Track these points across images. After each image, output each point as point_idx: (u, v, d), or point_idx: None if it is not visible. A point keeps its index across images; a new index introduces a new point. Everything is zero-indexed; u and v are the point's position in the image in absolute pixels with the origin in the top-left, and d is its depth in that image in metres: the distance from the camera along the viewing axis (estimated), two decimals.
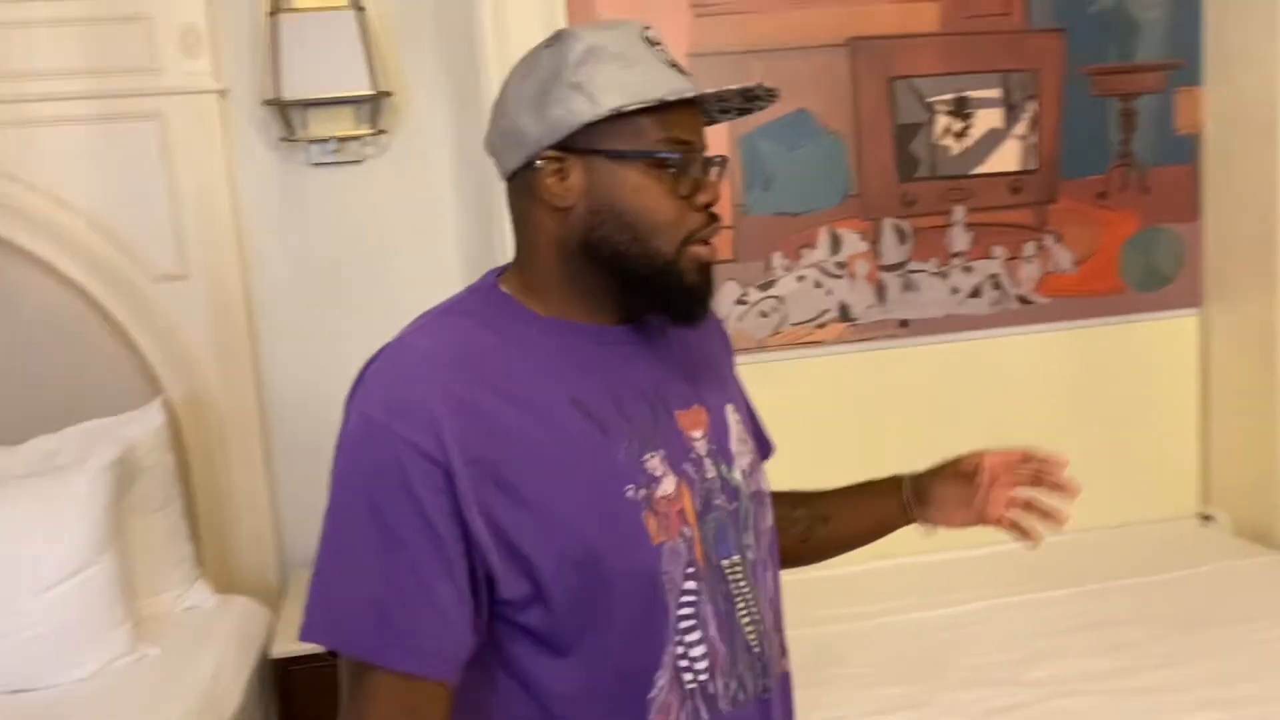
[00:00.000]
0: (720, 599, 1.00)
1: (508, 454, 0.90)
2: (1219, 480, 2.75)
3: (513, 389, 0.93)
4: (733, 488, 1.03)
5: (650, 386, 1.01)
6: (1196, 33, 2.63)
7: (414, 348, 0.95)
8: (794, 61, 2.47)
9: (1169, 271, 2.72)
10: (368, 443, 0.90)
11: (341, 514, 0.91)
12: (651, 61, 0.95)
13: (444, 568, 0.88)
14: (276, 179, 2.33)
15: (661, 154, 0.94)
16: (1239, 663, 1.96)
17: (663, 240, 0.95)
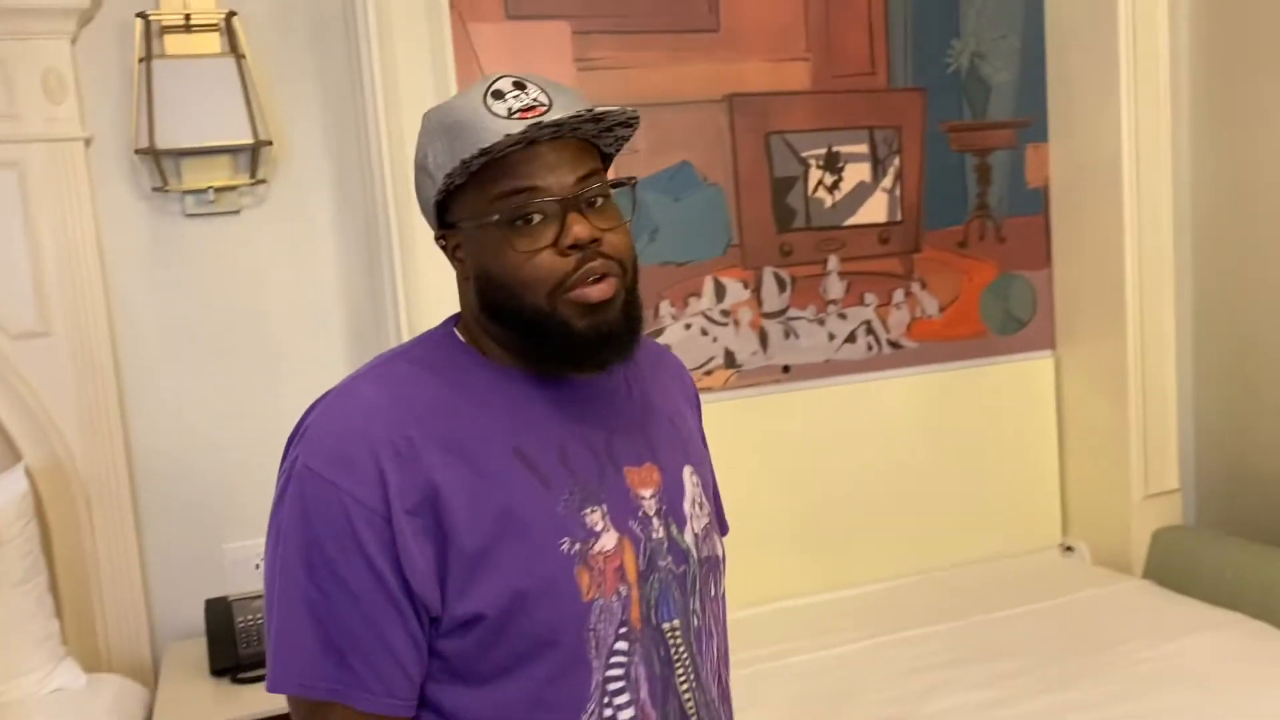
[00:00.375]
0: (657, 662, 0.98)
1: (448, 503, 0.90)
2: (1077, 512, 2.91)
3: (453, 437, 0.93)
4: (682, 550, 1.01)
5: (601, 441, 1.00)
6: (1042, 93, 2.82)
7: (356, 395, 0.95)
8: (675, 115, 2.53)
9: (1024, 316, 2.89)
10: (314, 497, 0.90)
11: (291, 567, 0.91)
12: (481, 121, 0.92)
13: (397, 615, 0.90)
14: (148, 231, 2.22)
15: (492, 216, 0.93)
16: (1117, 684, 2.07)
17: (533, 294, 0.93)
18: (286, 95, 2.28)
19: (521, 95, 0.94)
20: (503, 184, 0.92)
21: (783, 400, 2.65)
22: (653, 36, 2.50)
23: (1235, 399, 2.82)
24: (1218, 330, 2.85)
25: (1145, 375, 2.69)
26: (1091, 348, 2.80)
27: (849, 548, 2.73)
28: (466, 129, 0.93)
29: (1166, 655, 2.17)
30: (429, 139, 0.96)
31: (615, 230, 0.96)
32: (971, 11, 2.74)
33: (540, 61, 2.42)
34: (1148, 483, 2.72)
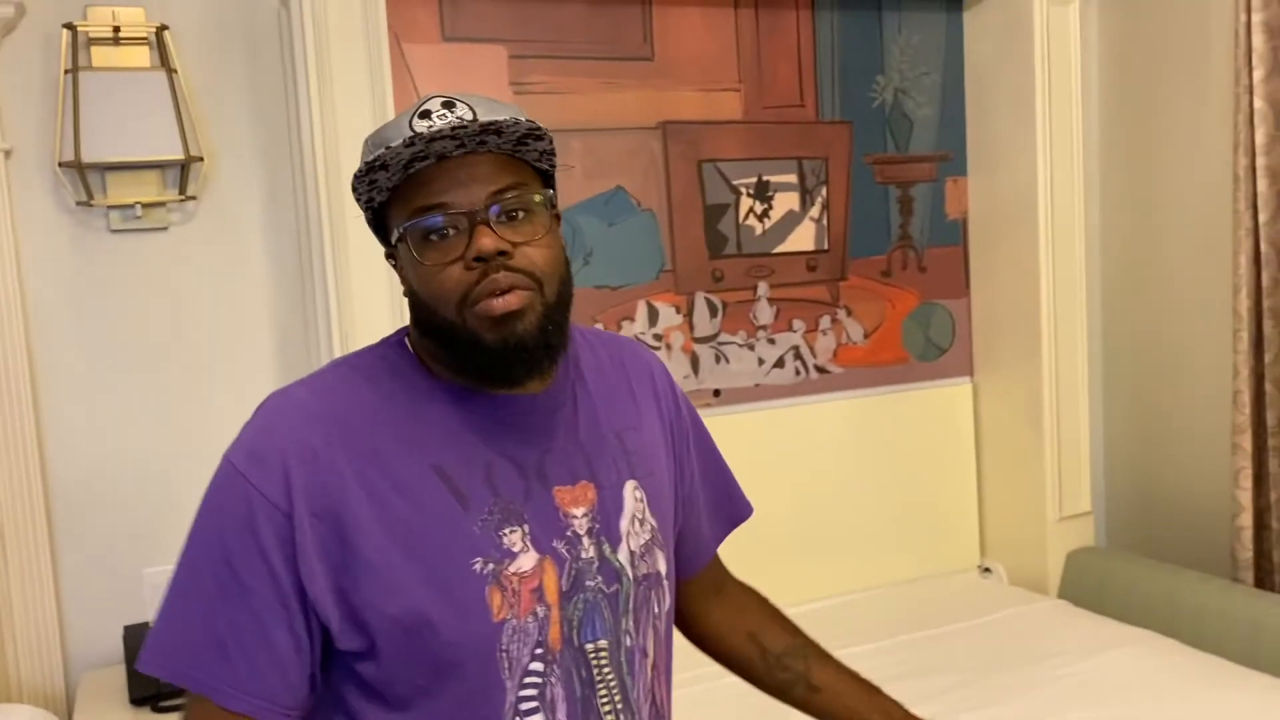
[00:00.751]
0: (578, 683, 0.98)
1: (355, 511, 0.91)
2: (994, 534, 3.00)
3: (374, 449, 0.93)
4: (614, 569, 1.01)
5: (532, 460, 0.99)
6: (962, 129, 2.93)
7: (287, 398, 0.97)
8: (610, 141, 2.56)
9: (944, 343, 2.98)
10: (226, 488, 0.92)
11: (194, 553, 0.93)
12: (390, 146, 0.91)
13: (285, 616, 0.90)
14: (70, 246, 2.16)
15: (393, 242, 0.98)
16: (1040, 700, 2.13)
17: (443, 308, 0.94)
18: (218, 111, 2.25)
19: (447, 114, 0.93)
20: (415, 200, 0.94)
21: (713, 423, 2.61)
22: (589, 63, 2.53)
23: (1144, 425, 2.95)
24: (1127, 359, 2.98)
25: (1059, 402, 2.79)
26: (1008, 375, 2.90)
27: (776, 570, 2.73)
28: (384, 150, 0.93)
29: (1085, 671, 2.24)
30: (362, 160, 0.97)
31: (534, 243, 0.95)
32: (895, 48, 2.84)
33: (476, 84, 2.43)
34: (1061, 505, 2.82)
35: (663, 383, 1.18)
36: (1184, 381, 2.82)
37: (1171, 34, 2.76)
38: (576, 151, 2.53)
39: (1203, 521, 2.78)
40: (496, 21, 2.44)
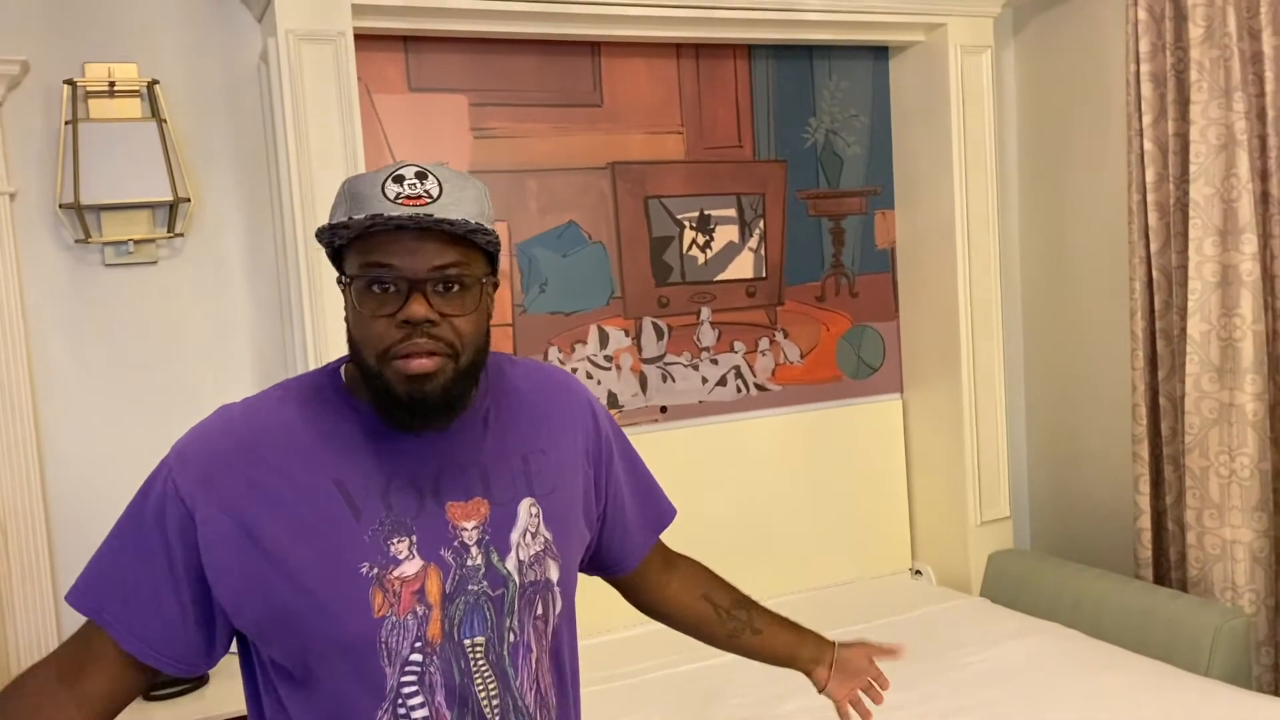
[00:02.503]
0: (457, 673, 1.11)
1: (260, 511, 1.07)
2: (923, 539, 3.24)
3: (283, 462, 1.10)
4: (501, 575, 1.13)
5: (429, 479, 1.13)
6: (888, 166, 3.19)
7: (226, 413, 1.15)
8: (563, 180, 2.80)
9: (875, 362, 3.22)
10: (159, 473, 1.11)
11: (125, 516, 1.12)
12: (372, 198, 1.04)
13: (173, 587, 1.09)
14: (68, 280, 2.37)
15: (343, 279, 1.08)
16: (948, 682, 2.37)
17: (368, 351, 1.07)
18: (202, 156, 2.47)
19: (416, 185, 1.05)
20: (369, 255, 1.05)
21: (660, 438, 2.91)
22: (543, 109, 2.77)
23: (1057, 437, 3.21)
24: (1041, 377, 3.24)
25: (978, 415, 3.04)
26: (932, 391, 3.15)
27: (720, 573, 2.98)
28: (359, 200, 1.06)
29: (991, 658, 2.49)
30: (338, 199, 1.10)
31: (462, 317, 1.07)
32: (826, 93, 3.09)
33: (440, 130, 2.66)
34: (982, 511, 3.06)
35: (583, 411, 1.29)
36: (1091, 396, 3.08)
37: (1077, 81, 3.03)
38: (532, 190, 2.77)
39: (1111, 523, 3.04)
40: (458, 73, 2.68)
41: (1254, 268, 2.51)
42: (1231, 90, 2.50)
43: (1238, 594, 2.56)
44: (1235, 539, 2.56)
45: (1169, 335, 2.73)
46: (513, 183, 2.74)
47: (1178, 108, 2.65)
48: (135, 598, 1.09)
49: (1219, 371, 2.58)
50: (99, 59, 2.36)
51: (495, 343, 2.73)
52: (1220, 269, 2.57)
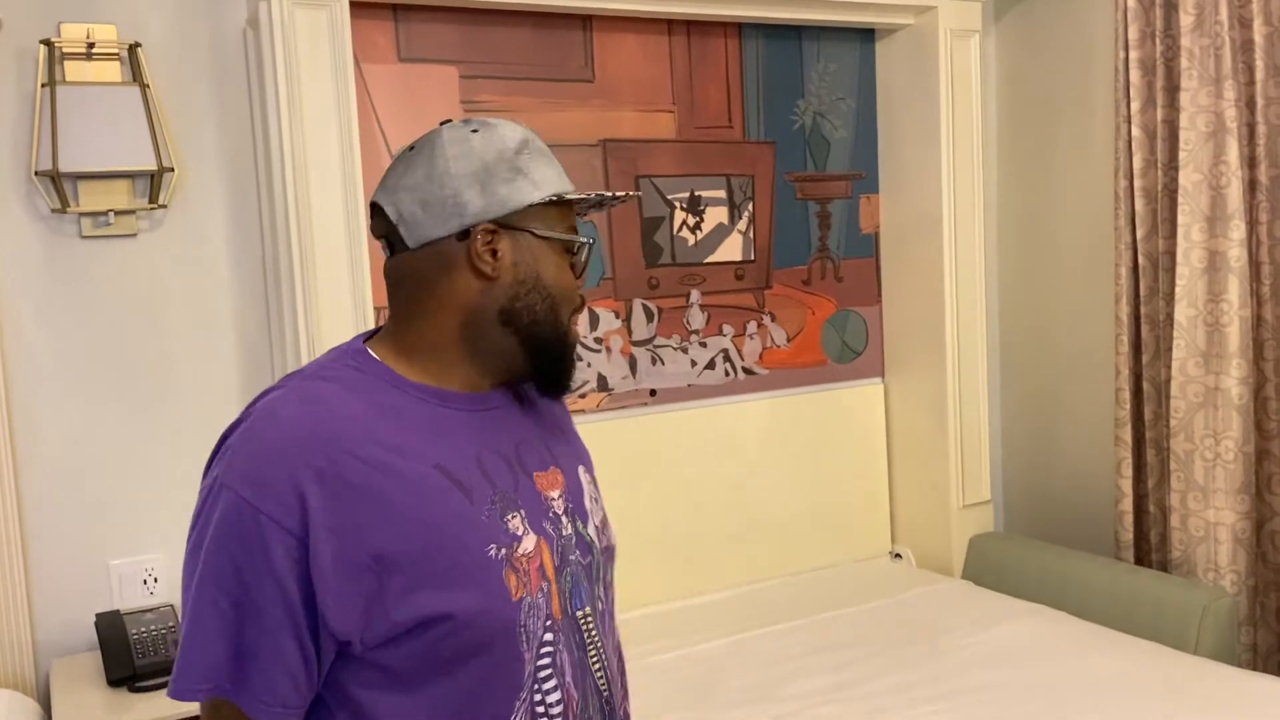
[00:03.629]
0: (575, 648, 1.08)
1: (372, 519, 0.96)
2: (904, 523, 3.26)
3: (377, 456, 0.98)
4: (586, 543, 1.12)
5: (511, 450, 1.09)
6: (874, 150, 3.18)
7: (276, 418, 0.99)
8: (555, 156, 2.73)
9: (859, 347, 3.22)
10: (232, 514, 0.96)
11: (207, 579, 0.97)
12: (554, 160, 1.11)
13: (293, 630, 0.96)
14: (42, 252, 2.26)
15: (576, 240, 1.10)
16: (943, 665, 2.38)
17: (564, 312, 1.09)
18: (186, 124, 2.37)
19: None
20: (568, 220, 1.11)
21: (649, 421, 2.88)
22: (534, 84, 2.71)
23: (1037, 421, 3.24)
24: (1022, 361, 3.27)
25: (961, 400, 3.06)
26: (915, 375, 3.16)
27: (706, 556, 2.97)
28: (554, 162, 1.10)
29: (983, 641, 2.50)
30: (528, 150, 1.07)
31: None
32: (814, 75, 3.08)
33: (430, 102, 2.59)
34: (964, 495, 3.08)
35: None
36: (1072, 381, 3.11)
37: (1062, 68, 3.05)
38: None
39: (1090, 507, 3.07)
40: (448, 44, 2.61)
41: (1241, 254, 2.54)
42: (1222, 78, 2.54)
43: (1220, 575, 2.60)
44: (1219, 521, 2.60)
45: (1154, 320, 2.77)
46: None
47: (1166, 95, 2.68)
48: (252, 659, 0.96)
49: (1205, 356, 2.62)
50: (76, 19, 2.25)
51: None
52: (1208, 255, 2.61)
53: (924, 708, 2.19)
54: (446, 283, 1.06)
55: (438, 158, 1.05)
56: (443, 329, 1.07)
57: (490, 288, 1.05)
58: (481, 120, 1.08)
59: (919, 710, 2.18)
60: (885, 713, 2.18)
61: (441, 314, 1.06)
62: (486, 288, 1.06)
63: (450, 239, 1.05)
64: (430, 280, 1.06)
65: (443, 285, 1.06)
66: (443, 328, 1.07)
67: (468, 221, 1.04)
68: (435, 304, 1.06)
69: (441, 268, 1.06)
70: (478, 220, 1.04)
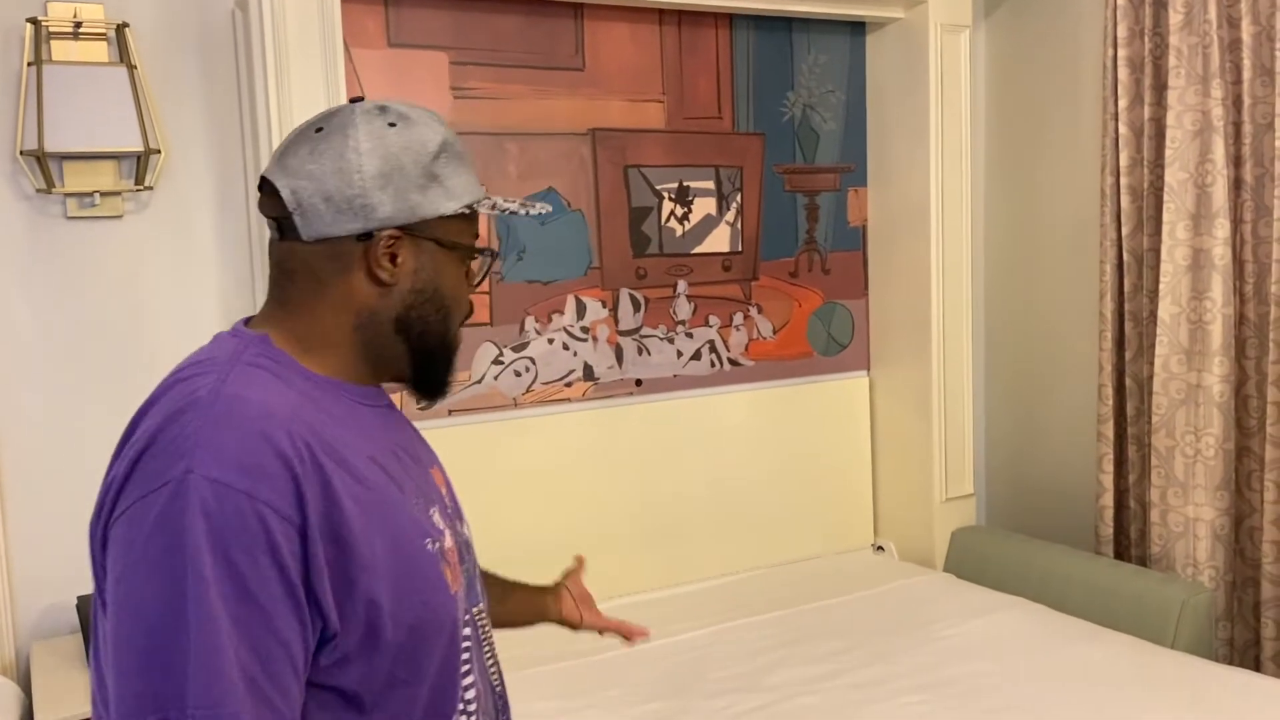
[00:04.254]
0: (476, 644, 1.06)
1: (343, 512, 0.90)
2: (886, 515, 3.27)
3: (331, 444, 0.92)
4: (468, 541, 1.11)
5: (408, 446, 1.06)
6: (863, 143, 3.19)
7: (244, 400, 0.90)
8: (543, 145, 2.74)
9: (844, 340, 3.23)
10: (226, 510, 0.84)
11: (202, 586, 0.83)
12: (471, 163, 1.05)
13: (301, 633, 0.87)
14: (27, 232, 2.24)
15: (481, 250, 1.06)
16: (923, 656, 2.39)
17: (455, 321, 1.06)
18: (173, 106, 2.35)
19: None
20: (476, 228, 1.06)
21: (635, 411, 2.88)
22: (524, 71, 2.70)
23: (1020, 416, 3.26)
24: (1005, 356, 3.28)
25: (946, 395, 3.07)
26: (900, 369, 3.17)
27: (690, 546, 2.98)
28: (469, 168, 1.04)
29: (964, 633, 2.51)
30: (446, 154, 1.00)
31: None
32: (805, 67, 3.08)
33: (419, 88, 2.58)
34: (947, 488, 3.10)
35: None
36: (1055, 376, 3.13)
37: (1050, 64, 3.06)
38: (512, 154, 2.70)
39: (1071, 501, 3.09)
40: (439, 29, 2.60)
41: (1225, 252, 2.56)
42: (1209, 77, 2.55)
43: (1198, 570, 2.63)
44: (1198, 517, 2.63)
45: (1138, 317, 2.79)
46: (492, 145, 2.67)
47: (1154, 93, 2.69)
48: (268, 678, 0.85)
49: (1187, 354, 2.64)
50: None
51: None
52: (1192, 253, 2.62)
53: (905, 698, 2.20)
54: (340, 283, 0.99)
55: (349, 151, 0.97)
56: (335, 327, 1.00)
57: (386, 294, 1.00)
58: (400, 112, 1.00)
59: (900, 700, 2.19)
60: (867, 703, 2.19)
61: (333, 313, 1.00)
62: (382, 293, 1.00)
63: (350, 239, 0.98)
64: (323, 278, 0.99)
65: (336, 284, 0.99)
66: (335, 326, 1.00)
67: (373, 226, 0.97)
68: (327, 302, 0.99)
69: (336, 266, 0.98)
70: (384, 225, 0.97)
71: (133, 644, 0.83)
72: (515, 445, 2.70)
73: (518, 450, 2.71)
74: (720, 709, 2.19)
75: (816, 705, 2.18)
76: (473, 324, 2.65)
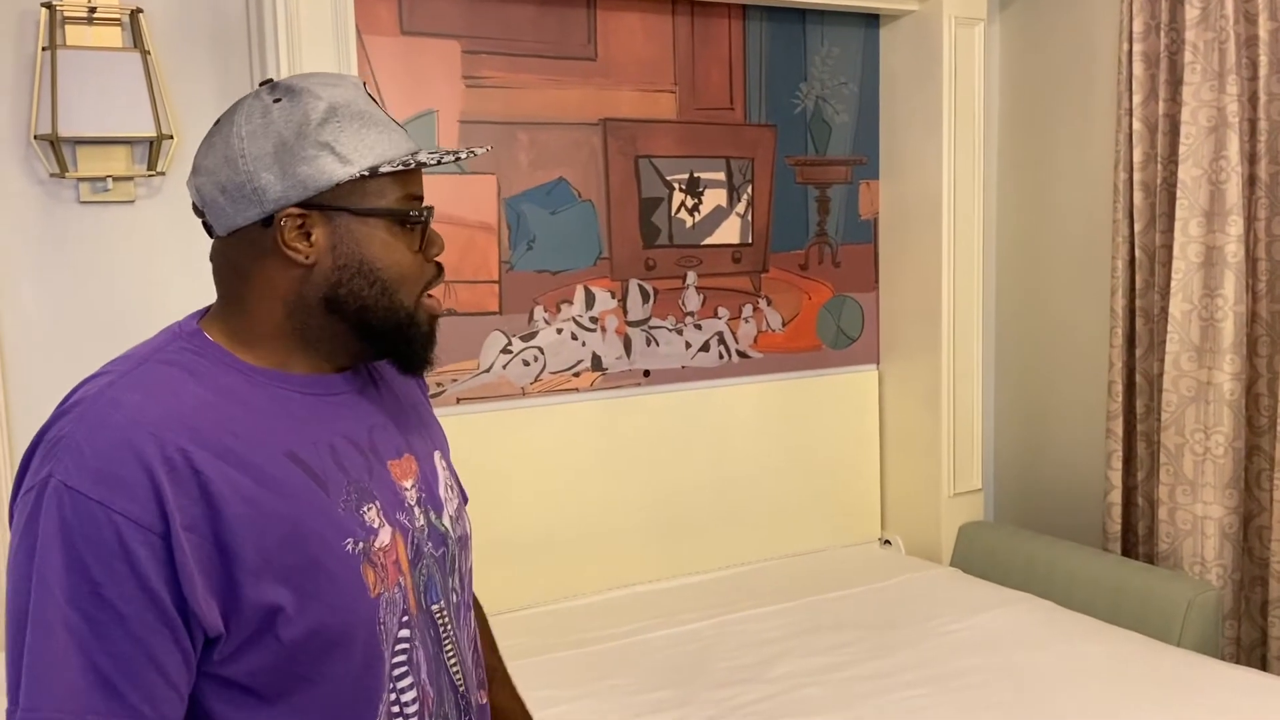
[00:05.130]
0: (430, 643, 1.03)
1: (225, 516, 0.88)
2: (894, 509, 3.27)
3: (227, 446, 0.90)
4: (440, 534, 1.05)
5: (363, 437, 1.01)
6: (875, 135, 3.18)
7: (119, 404, 0.89)
8: (554, 134, 2.74)
9: (854, 333, 3.23)
10: (80, 518, 0.84)
11: (51, 592, 0.84)
12: (383, 120, 0.98)
13: (170, 635, 0.86)
14: (40, 216, 2.25)
15: (410, 212, 0.99)
16: (928, 650, 2.39)
17: (405, 293, 0.99)
18: (186, 92, 2.36)
19: (381, 105, 1.03)
20: (406, 188, 0.98)
21: (642, 402, 2.88)
22: (536, 60, 2.70)
23: (1029, 412, 3.25)
24: (1015, 351, 3.27)
25: (955, 390, 3.07)
26: (910, 363, 3.17)
27: (696, 538, 2.99)
28: (376, 125, 0.97)
29: (969, 627, 2.51)
30: (335, 118, 0.95)
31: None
32: (817, 59, 3.07)
33: (431, 77, 2.58)
34: (955, 483, 3.10)
35: None
36: (1065, 372, 3.12)
37: (1064, 59, 3.05)
38: (523, 143, 2.70)
39: (1078, 498, 3.09)
40: (451, 18, 2.60)
41: (1238, 249, 2.55)
42: (1225, 73, 2.53)
43: (1206, 568, 2.62)
44: (1206, 515, 2.62)
45: (1149, 314, 2.78)
46: (503, 134, 2.67)
47: (1169, 88, 2.68)
48: (123, 676, 0.85)
49: (1198, 351, 2.63)
50: None
51: (480, 300, 2.67)
52: (1205, 250, 2.61)
53: (909, 691, 2.20)
54: (261, 271, 0.97)
55: (233, 137, 0.95)
56: (269, 318, 0.98)
57: (308, 274, 0.96)
58: (288, 86, 0.97)
59: (904, 694, 2.19)
60: (871, 695, 2.19)
61: (263, 303, 0.97)
62: (304, 275, 0.96)
63: (256, 226, 0.95)
64: (245, 269, 0.97)
65: (257, 274, 0.97)
66: (268, 316, 0.98)
67: (269, 208, 0.94)
68: (255, 294, 0.97)
69: (253, 256, 0.97)
70: (279, 206, 0.94)
71: (7, 634, 0.87)
72: (523, 434, 2.71)
73: (525, 439, 2.71)
74: (724, 699, 2.20)
75: (820, 697, 2.19)
76: (481, 312, 2.66)
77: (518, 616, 2.59)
